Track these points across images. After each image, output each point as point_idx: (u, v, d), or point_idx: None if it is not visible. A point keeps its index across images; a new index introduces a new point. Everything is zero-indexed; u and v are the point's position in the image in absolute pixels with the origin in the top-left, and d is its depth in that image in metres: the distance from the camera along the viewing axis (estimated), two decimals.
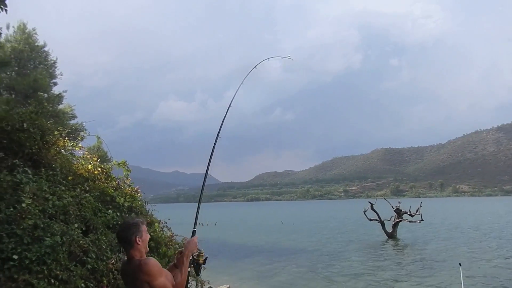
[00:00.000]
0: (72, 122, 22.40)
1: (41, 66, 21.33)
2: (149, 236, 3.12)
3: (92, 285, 4.99)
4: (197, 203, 3.96)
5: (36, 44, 21.51)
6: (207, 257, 3.37)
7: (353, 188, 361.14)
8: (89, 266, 5.09)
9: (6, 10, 5.62)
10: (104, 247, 5.56)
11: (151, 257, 3.01)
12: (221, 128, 4.41)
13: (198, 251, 3.35)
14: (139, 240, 2.95)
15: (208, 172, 4.14)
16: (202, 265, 3.35)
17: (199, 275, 3.48)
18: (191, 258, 3.27)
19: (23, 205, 4.94)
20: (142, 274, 2.82)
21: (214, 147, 4.25)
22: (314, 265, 17.44)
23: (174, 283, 2.97)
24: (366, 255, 20.09)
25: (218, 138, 4.34)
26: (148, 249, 3.09)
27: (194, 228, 3.57)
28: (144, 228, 3.05)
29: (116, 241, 6.10)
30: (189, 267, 3.24)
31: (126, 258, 3.02)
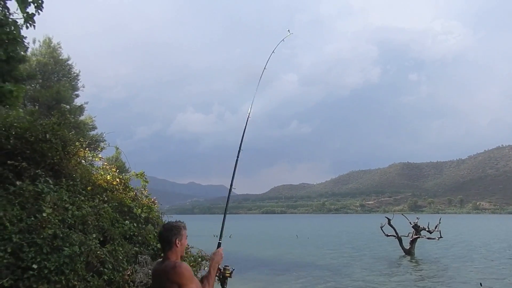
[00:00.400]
0: (92, 133, 22.89)
1: (64, 78, 21.96)
2: (187, 242, 3.25)
3: None
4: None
5: (60, 57, 22.17)
6: (233, 270, 3.47)
7: (370, 202, 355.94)
8: (105, 277, 5.15)
9: (34, 26, 5.84)
10: (120, 258, 5.62)
11: (185, 262, 3.14)
12: (243, 140, 4.47)
13: (225, 265, 3.45)
14: (178, 243, 3.07)
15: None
16: (228, 278, 3.43)
17: (224, 287, 3.52)
18: (217, 270, 3.36)
19: (44, 214, 5.05)
20: (176, 276, 2.91)
21: (237, 160, 4.33)
22: (327, 280, 17.17)
23: None
24: (382, 271, 19.68)
25: (241, 151, 4.41)
26: (184, 254, 3.18)
27: (219, 240, 3.67)
28: (184, 233, 3.18)
29: (132, 252, 6.19)
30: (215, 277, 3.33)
31: (161, 259, 3.14)
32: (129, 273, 5.51)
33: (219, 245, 3.58)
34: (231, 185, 4.29)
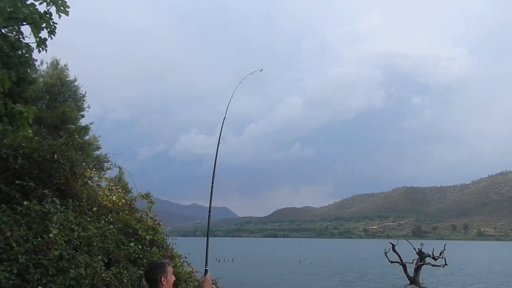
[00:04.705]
0: (96, 153, 22.93)
1: (70, 99, 22.15)
2: (174, 278, 3.33)
3: None
4: (211, 237, 4.15)
5: (67, 79, 22.46)
6: None
7: (373, 227, 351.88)
8: None
9: (46, 50, 5.98)
10: (125, 281, 5.56)
11: None
12: (215, 166, 4.71)
13: None
14: (164, 280, 3.15)
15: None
16: None
17: None
18: None
19: (51, 235, 5.03)
20: None
21: (212, 186, 4.53)
22: None
23: None
24: None
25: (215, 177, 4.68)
26: None
27: (206, 267, 3.82)
28: (170, 269, 3.27)
29: (137, 276, 6.11)
30: None
31: None
32: None
33: (205, 272, 3.73)
34: (209, 211, 4.53)
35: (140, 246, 6.72)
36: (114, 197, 7.85)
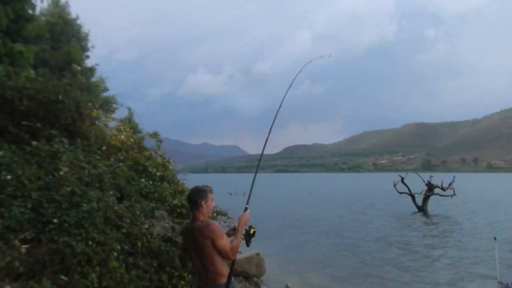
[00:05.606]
0: (104, 94, 22.86)
1: (74, 39, 21.65)
2: (213, 205, 3.67)
3: (127, 247, 5.23)
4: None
5: (69, 17, 21.79)
6: (256, 231, 3.84)
7: (382, 161, 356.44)
8: (124, 230, 5.31)
9: None
10: (138, 213, 5.76)
11: (215, 221, 3.56)
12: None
13: (250, 225, 3.83)
14: (204, 204, 3.48)
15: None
16: (252, 238, 3.81)
17: (249, 246, 3.85)
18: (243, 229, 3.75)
19: (61, 173, 5.14)
20: (209, 232, 3.35)
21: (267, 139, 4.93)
22: (343, 236, 17.48)
23: (231, 246, 3.45)
24: (395, 226, 19.99)
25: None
26: (210, 215, 3.59)
27: (246, 205, 3.98)
28: (211, 196, 3.59)
29: (149, 208, 6.34)
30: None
31: (190, 219, 3.60)
32: (146, 226, 5.67)
33: (245, 209, 3.91)
34: (261, 153, 4.89)
35: (150, 182, 6.89)
36: (123, 136, 7.93)
